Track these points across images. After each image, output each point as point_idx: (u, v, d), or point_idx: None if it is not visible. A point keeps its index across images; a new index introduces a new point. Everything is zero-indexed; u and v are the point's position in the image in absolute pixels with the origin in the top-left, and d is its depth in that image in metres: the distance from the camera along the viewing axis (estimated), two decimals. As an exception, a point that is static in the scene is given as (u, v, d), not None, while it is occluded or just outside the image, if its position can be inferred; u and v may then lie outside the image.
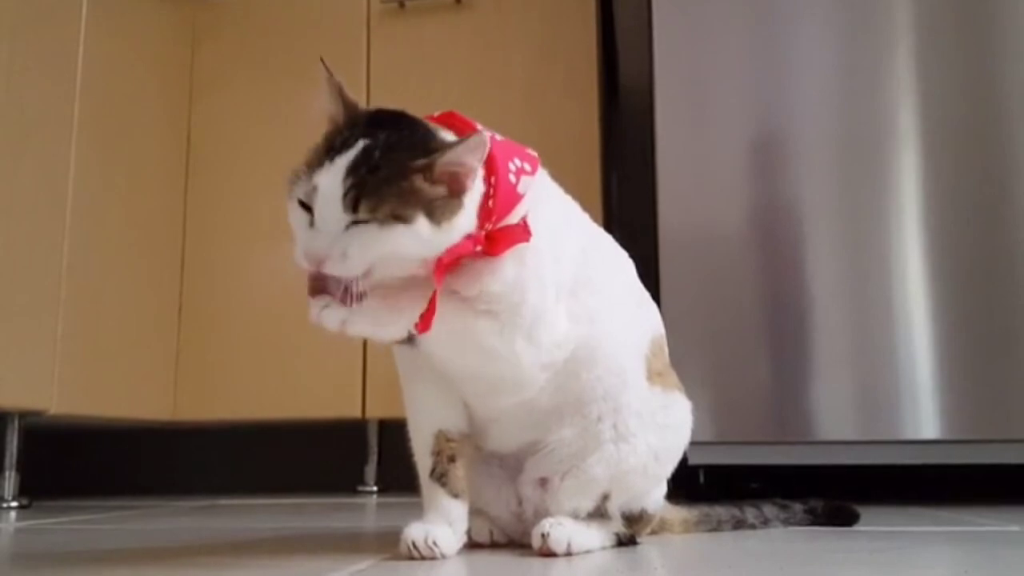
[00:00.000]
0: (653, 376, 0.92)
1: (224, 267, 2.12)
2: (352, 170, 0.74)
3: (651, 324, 0.96)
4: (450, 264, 0.78)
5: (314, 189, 0.75)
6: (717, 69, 1.64)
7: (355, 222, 0.74)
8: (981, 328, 1.49)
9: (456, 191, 0.77)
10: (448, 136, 0.82)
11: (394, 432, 2.14)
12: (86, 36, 1.82)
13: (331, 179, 0.74)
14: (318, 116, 0.83)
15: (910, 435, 1.48)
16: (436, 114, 0.87)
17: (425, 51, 2.11)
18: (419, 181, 0.75)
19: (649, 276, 1.00)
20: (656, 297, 1.03)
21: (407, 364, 0.90)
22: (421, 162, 0.75)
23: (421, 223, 0.75)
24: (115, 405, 1.88)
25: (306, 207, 0.76)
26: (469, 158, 0.76)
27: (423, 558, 0.82)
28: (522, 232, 0.81)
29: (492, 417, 0.89)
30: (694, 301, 1.57)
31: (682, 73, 1.65)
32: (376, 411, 2.01)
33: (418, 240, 0.75)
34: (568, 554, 0.84)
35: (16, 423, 1.72)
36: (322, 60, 0.82)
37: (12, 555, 1.01)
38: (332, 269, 0.74)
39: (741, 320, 1.56)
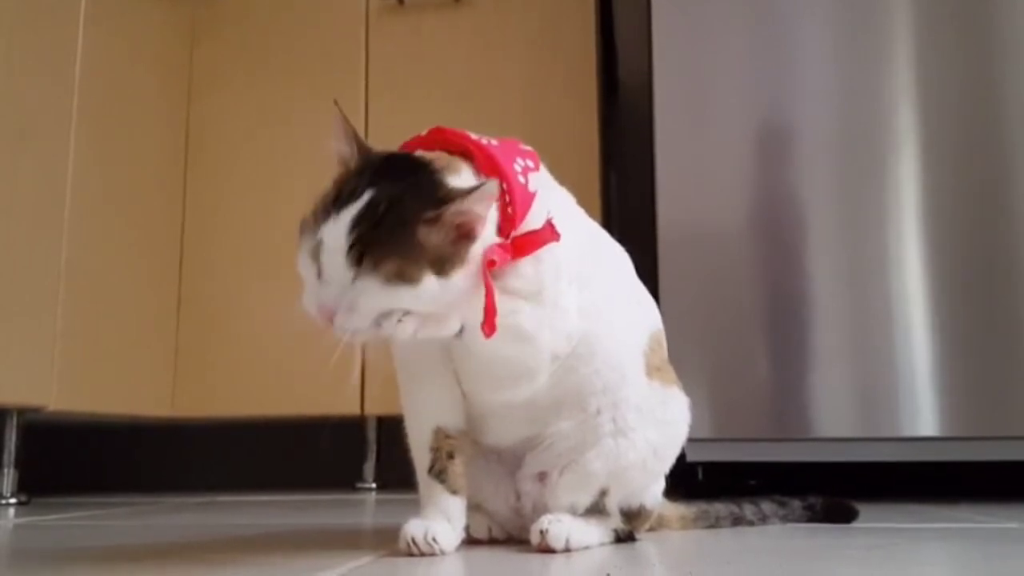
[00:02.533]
0: (652, 371, 0.92)
1: (223, 264, 2.12)
2: (356, 223, 0.74)
3: (649, 319, 0.96)
4: (491, 266, 0.78)
5: (319, 243, 0.75)
6: (716, 67, 1.64)
7: (360, 275, 0.74)
8: (979, 325, 1.49)
9: (465, 236, 0.77)
10: (457, 181, 0.79)
11: (393, 429, 2.14)
12: (85, 35, 1.81)
13: (336, 233, 0.74)
14: (331, 156, 0.83)
15: (908, 432, 1.48)
16: (424, 132, 0.86)
17: (424, 49, 2.11)
18: (425, 233, 0.75)
19: (648, 274, 1.01)
20: (655, 295, 1.03)
21: (406, 360, 0.90)
22: (430, 214, 0.75)
23: (428, 281, 0.75)
24: (114, 401, 1.88)
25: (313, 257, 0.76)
26: (478, 207, 0.76)
27: (422, 554, 0.82)
28: (550, 234, 0.82)
29: (490, 412, 0.89)
30: (693, 299, 1.57)
31: (681, 71, 1.65)
32: (375, 408, 2.01)
33: (425, 296, 0.75)
34: (567, 550, 0.84)
35: (15, 419, 1.72)
36: (336, 103, 0.81)
37: (11, 552, 1.01)
38: (340, 322, 0.74)
39: (740, 317, 1.56)
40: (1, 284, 1.58)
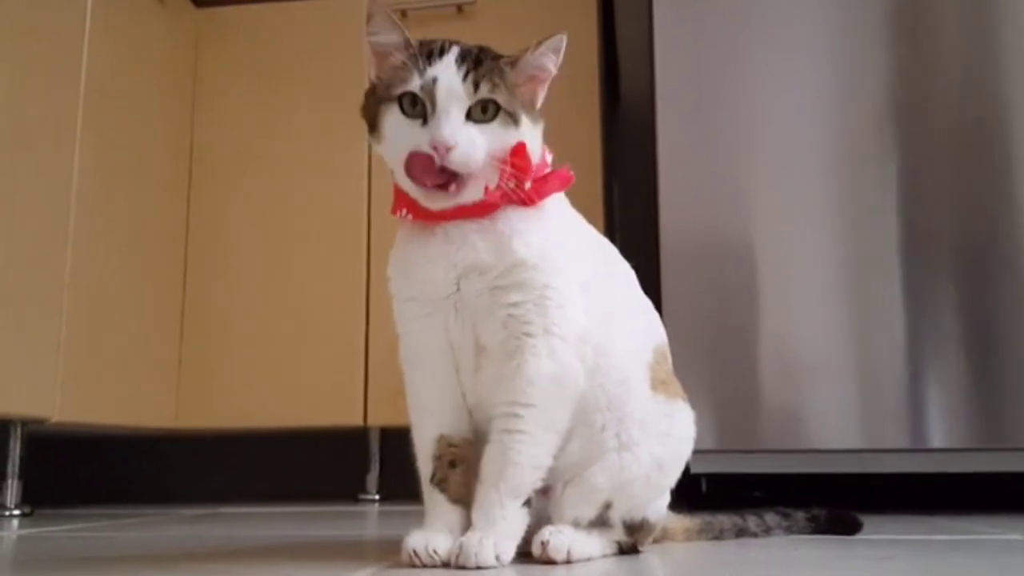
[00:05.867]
0: (657, 385, 0.92)
1: (227, 274, 2.12)
2: (461, 61, 0.82)
3: (654, 332, 0.96)
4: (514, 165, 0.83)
5: (433, 80, 0.81)
6: (718, 79, 1.65)
7: (471, 119, 0.81)
8: (984, 336, 1.49)
9: (534, 89, 0.87)
10: None
11: (396, 440, 2.15)
12: (90, 44, 1.82)
13: (447, 69, 0.81)
14: (368, 54, 0.89)
15: (912, 444, 1.48)
16: None
17: (427, 59, 2.12)
18: (512, 76, 0.84)
19: (650, 284, 1.01)
20: (657, 305, 1.03)
21: (412, 367, 0.90)
22: (508, 58, 0.84)
23: (525, 122, 0.84)
24: (117, 413, 1.88)
25: (412, 113, 0.82)
26: (549, 61, 0.87)
27: (424, 566, 0.82)
28: (564, 179, 0.88)
29: None
30: (695, 309, 1.57)
31: (683, 83, 1.66)
32: (378, 419, 2.01)
33: (520, 136, 0.84)
34: (567, 562, 0.84)
35: (18, 431, 1.72)
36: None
37: (14, 563, 1.01)
38: (458, 156, 0.79)
39: (743, 328, 1.56)
40: (5, 295, 1.59)
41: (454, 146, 0.79)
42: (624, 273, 0.97)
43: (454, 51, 0.83)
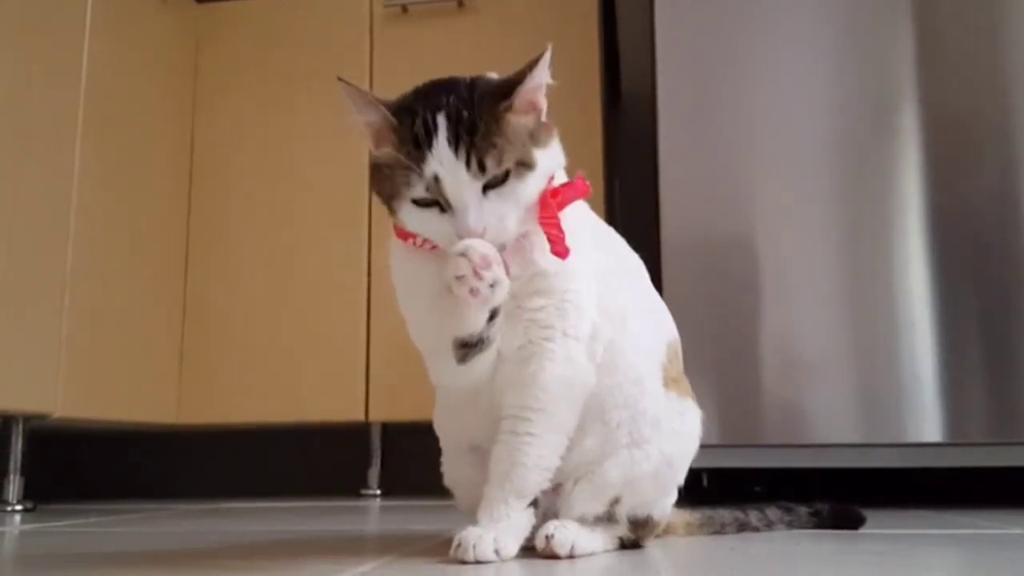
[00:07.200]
0: (669, 383, 0.92)
1: (228, 270, 2.12)
2: (455, 142, 0.76)
3: (666, 329, 0.96)
4: (556, 195, 0.81)
5: (435, 179, 0.76)
6: (719, 75, 1.65)
7: (488, 187, 0.77)
8: (984, 330, 1.49)
9: (536, 111, 0.81)
10: (492, 76, 0.84)
11: (397, 435, 2.15)
12: (90, 41, 1.82)
13: (445, 157, 0.76)
14: (355, 131, 0.83)
15: (913, 438, 1.48)
16: None
17: (427, 55, 2.12)
18: (514, 119, 0.78)
19: (652, 281, 1.01)
20: (659, 302, 1.03)
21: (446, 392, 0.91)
22: (504, 103, 0.78)
23: (539, 157, 0.79)
24: (119, 408, 1.89)
25: (427, 203, 0.78)
26: (543, 76, 0.80)
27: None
28: (582, 190, 0.85)
29: None
30: (696, 305, 1.57)
31: (684, 79, 1.66)
32: (379, 414, 2.02)
33: (542, 174, 0.79)
34: (571, 557, 0.85)
35: (20, 426, 1.73)
36: (341, 79, 0.81)
37: (16, 558, 1.01)
38: (496, 236, 0.77)
39: (744, 324, 1.56)
40: (7, 291, 1.59)
41: (483, 232, 0.76)
42: (636, 268, 0.97)
43: (443, 129, 0.76)
